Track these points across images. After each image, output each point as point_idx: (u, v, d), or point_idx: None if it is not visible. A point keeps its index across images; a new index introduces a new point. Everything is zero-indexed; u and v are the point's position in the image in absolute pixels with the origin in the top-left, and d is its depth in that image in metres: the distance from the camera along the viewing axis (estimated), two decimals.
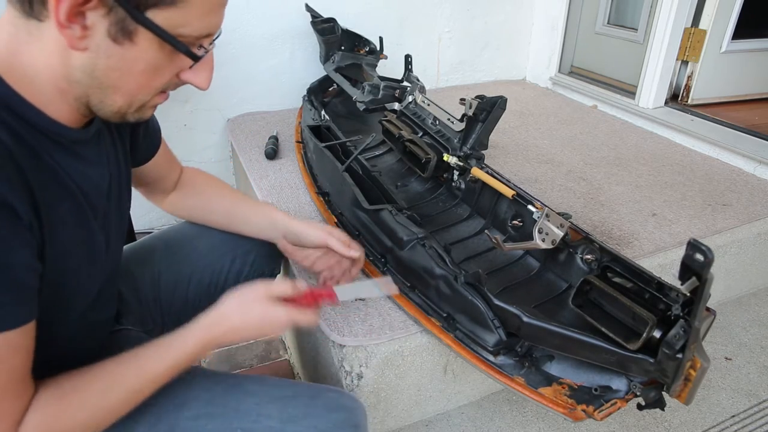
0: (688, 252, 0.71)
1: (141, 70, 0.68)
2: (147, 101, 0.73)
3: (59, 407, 0.70)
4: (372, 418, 1.17)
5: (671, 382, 0.80)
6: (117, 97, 0.69)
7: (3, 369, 0.63)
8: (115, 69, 0.66)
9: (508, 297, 1.02)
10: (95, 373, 0.75)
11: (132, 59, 0.66)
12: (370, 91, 1.70)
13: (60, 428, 0.70)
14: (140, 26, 0.63)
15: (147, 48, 0.66)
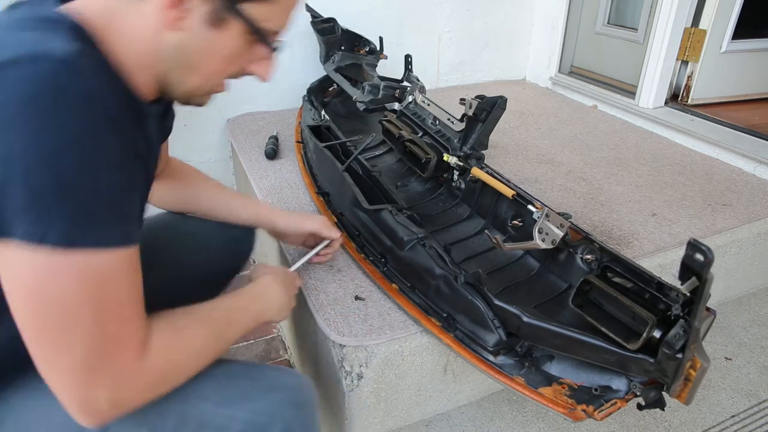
0: (688, 252, 0.71)
1: (224, 56, 0.74)
2: (213, 87, 0.79)
3: (174, 338, 0.72)
4: (372, 418, 1.17)
5: (671, 382, 0.80)
6: (195, 78, 0.75)
7: (133, 283, 0.65)
8: (202, 51, 0.72)
9: (508, 297, 1.02)
10: (198, 315, 0.79)
11: (219, 45, 0.72)
12: (370, 91, 1.70)
13: (175, 358, 0.72)
14: (233, 16, 0.70)
15: (234, 36, 0.72)
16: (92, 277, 0.60)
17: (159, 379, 0.69)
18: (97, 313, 0.61)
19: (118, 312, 0.63)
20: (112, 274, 0.62)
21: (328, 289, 1.24)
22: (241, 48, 0.75)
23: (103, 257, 0.60)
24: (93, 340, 0.61)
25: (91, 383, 0.61)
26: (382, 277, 1.23)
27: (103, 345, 0.62)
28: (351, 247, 1.34)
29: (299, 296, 1.31)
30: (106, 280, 0.61)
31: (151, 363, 0.67)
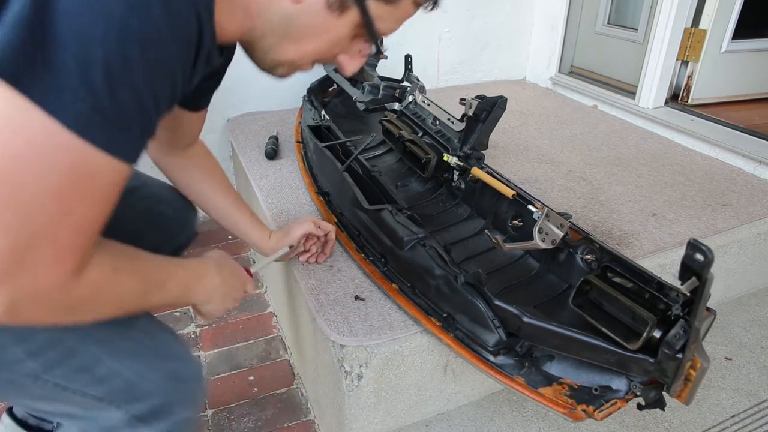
0: (688, 252, 0.72)
1: (328, 39, 0.75)
2: (302, 65, 0.79)
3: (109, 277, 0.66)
4: (372, 418, 1.17)
5: (671, 382, 0.80)
6: (291, 51, 0.75)
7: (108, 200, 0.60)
8: (311, 28, 0.72)
9: (508, 297, 1.02)
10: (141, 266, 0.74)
11: (329, 28, 0.73)
12: (370, 91, 1.70)
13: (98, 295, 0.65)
14: (356, 7, 0.72)
15: (346, 24, 0.73)
16: (80, 175, 0.54)
17: (71, 307, 0.62)
18: (61, 211, 0.54)
19: (79, 221, 0.57)
20: (99, 182, 0.57)
21: (328, 289, 1.24)
22: (347, 38, 0.76)
23: (102, 161, 0.55)
24: (35, 236, 0.53)
25: (2, 277, 0.53)
26: (382, 277, 1.23)
27: (39, 248, 0.54)
28: (351, 247, 1.34)
29: (299, 296, 1.31)
30: (91, 185, 0.56)
31: (74, 287, 0.60)
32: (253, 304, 1.84)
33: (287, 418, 1.41)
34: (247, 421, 1.40)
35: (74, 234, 0.57)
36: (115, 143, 0.56)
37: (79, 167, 0.54)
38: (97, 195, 0.57)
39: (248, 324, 1.75)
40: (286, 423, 1.40)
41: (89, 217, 0.58)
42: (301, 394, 1.48)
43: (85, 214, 0.57)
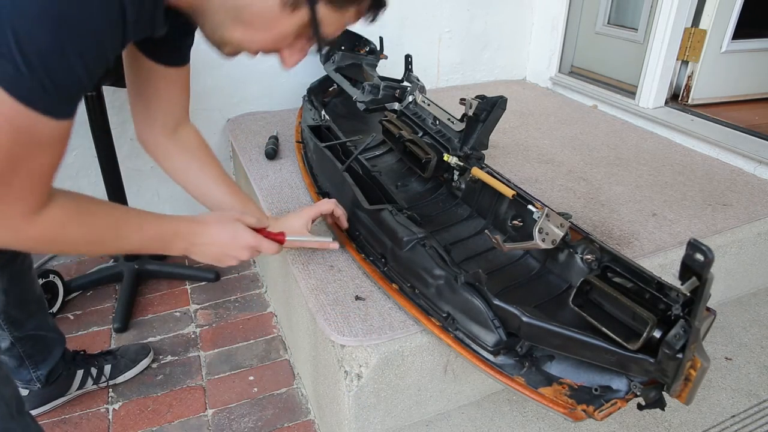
0: (689, 252, 0.72)
1: (276, 32, 0.80)
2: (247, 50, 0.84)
3: (75, 215, 0.80)
4: (372, 418, 1.17)
5: (671, 382, 0.80)
6: (239, 32, 0.80)
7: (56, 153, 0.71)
8: (262, 18, 0.78)
9: (508, 297, 1.02)
10: (108, 208, 0.90)
11: (279, 22, 0.79)
12: (370, 91, 1.70)
13: (67, 232, 0.79)
14: (307, 8, 0.78)
15: (295, 22, 0.79)
16: (26, 137, 0.65)
17: (36, 240, 0.76)
18: (12, 165, 0.66)
19: (30, 172, 0.69)
20: (44, 140, 0.67)
21: (328, 289, 1.24)
22: (292, 34, 0.82)
23: (45, 124, 0.66)
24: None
25: None
26: (382, 277, 1.23)
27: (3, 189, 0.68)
28: (351, 247, 1.34)
29: (299, 296, 1.31)
30: (38, 143, 0.67)
31: (35, 225, 0.73)
32: (253, 304, 1.84)
33: (287, 418, 1.41)
34: (247, 421, 1.40)
35: (26, 179, 0.69)
36: (51, 107, 0.65)
37: (20, 127, 0.64)
38: (39, 148, 0.68)
39: (248, 324, 1.75)
40: (286, 423, 1.40)
41: (38, 167, 0.70)
42: (301, 394, 1.48)
43: (32, 163, 0.68)
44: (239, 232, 1.05)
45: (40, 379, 1.36)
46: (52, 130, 0.67)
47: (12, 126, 0.63)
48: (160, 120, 1.11)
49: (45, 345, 1.35)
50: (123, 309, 1.75)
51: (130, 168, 2.08)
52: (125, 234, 0.90)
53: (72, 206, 0.80)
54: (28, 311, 1.29)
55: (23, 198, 0.70)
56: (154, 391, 1.50)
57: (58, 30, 0.60)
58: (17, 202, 0.70)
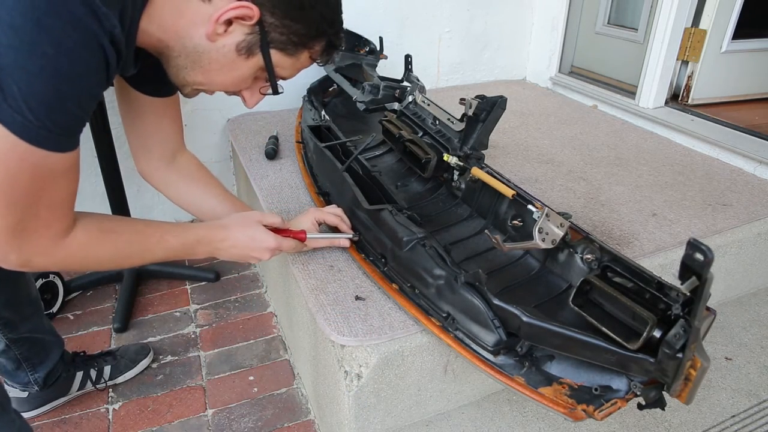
0: (688, 251, 0.71)
1: (233, 76, 0.89)
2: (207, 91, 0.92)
3: (99, 236, 0.89)
4: (372, 418, 1.17)
5: (671, 382, 0.80)
6: (199, 77, 0.88)
7: (71, 180, 0.80)
8: (220, 63, 0.86)
9: (508, 297, 1.02)
10: (129, 224, 0.99)
11: (236, 67, 0.87)
12: (370, 91, 1.70)
13: (94, 252, 0.89)
14: (260, 54, 0.86)
15: (251, 67, 0.88)
16: (42, 171, 0.74)
17: (64, 261, 0.86)
18: (35, 197, 0.76)
19: (52, 201, 0.78)
20: (57, 171, 0.76)
21: (328, 289, 1.24)
22: (249, 77, 0.90)
23: (55, 158, 0.74)
24: (24, 216, 0.76)
25: (9, 245, 0.77)
26: (382, 277, 1.23)
27: (30, 222, 0.77)
28: (351, 247, 1.34)
29: (299, 296, 1.31)
30: (52, 175, 0.76)
31: (63, 248, 0.83)
32: (253, 304, 1.84)
33: (287, 418, 1.41)
34: (247, 421, 1.40)
35: (50, 209, 0.79)
36: (58, 144, 0.74)
37: (38, 166, 0.73)
38: (55, 179, 0.77)
39: (248, 324, 1.75)
40: (286, 423, 1.40)
41: (57, 196, 0.79)
42: (301, 394, 1.48)
43: (52, 193, 0.78)
44: (259, 234, 1.11)
45: (38, 381, 1.36)
46: (63, 162, 0.76)
47: (29, 165, 0.72)
48: (156, 152, 1.16)
49: (42, 348, 1.35)
50: (123, 309, 1.75)
51: (130, 168, 2.08)
52: (149, 248, 0.98)
53: (94, 228, 0.88)
54: (22, 313, 1.28)
55: (50, 225, 0.80)
56: (154, 391, 1.50)
57: (56, 83, 0.69)
58: (46, 230, 0.80)
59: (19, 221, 0.76)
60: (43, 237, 0.80)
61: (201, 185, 1.23)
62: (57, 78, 0.69)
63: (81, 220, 0.87)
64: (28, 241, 0.79)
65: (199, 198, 1.23)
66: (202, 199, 1.23)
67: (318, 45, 0.92)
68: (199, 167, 1.25)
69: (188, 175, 1.22)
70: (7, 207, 0.74)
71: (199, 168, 1.25)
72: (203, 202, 1.23)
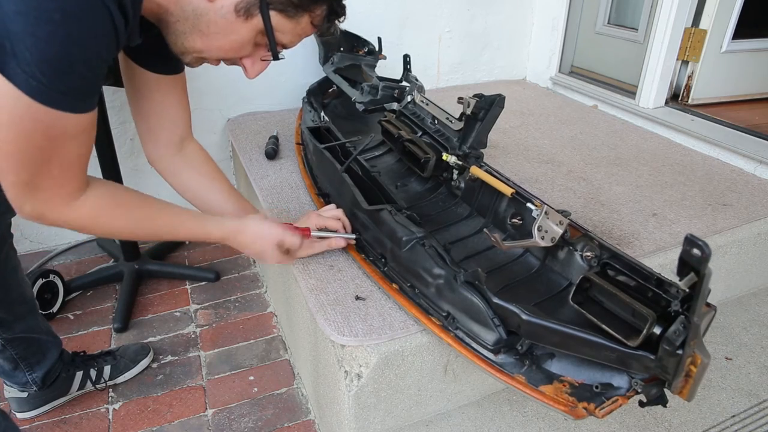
0: (686, 247, 0.71)
1: (233, 39, 0.87)
2: (208, 59, 0.92)
3: (111, 207, 0.93)
4: (372, 418, 1.17)
5: (672, 379, 0.80)
6: (198, 42, 0.87)
7: (83, 143, 0.83)
8: (218, 26, 0.85)
9: (508, 295, 1.01)
10: (146, 200, 1.01)
11: (234, 30, 0.86)
12: (368, 91, 1.70)
13: (104, 220, 0.93)
14: (260, 15, 0.85)
15: (250, 30, 0.86)
16: (55, 132, 0.77)
17: (74, 222, 0.89)
18: (48, 157, 0.79)
19: (64, 161, 0.82)
20: (70, 132, 0.79)
21: (328, 289, 1.24)
22: (249, 43, 0.88)
23: (68, 119, 0.77)
24: (37, 173, 0.80)
25: (23, 197, 0.82)
26: (382, 277, 1.23)
27: (43, 180, 0.81)
28: (351, 247, 1.34)
29: (299, 296, 1.31)
30: (65, 136, 0.79)
31: (74, 209, 0.87)
32: (253, 304, 1.84)
33: (287, 418, 1.41)
34: (247, 421, 1.40)
35: (62, 169, 0.82)
36: (71, 105, 0.77)
37: (51, 126, 0.76)
38: (68, 140, 0.80)
39: (248, 324, 1.75)
40: (286, 423, 1.39)
41: (69, 156, 0.82)
42: (301, 394, 1.48)
43: (64, 154, 0.81)
44: (265, 230, 1.14)
45: (36, 381, 1.36)
46: (75, 123, 0.79)
47: (42, 125, 0.75)
48: (164, 137, 1.15)
49: (38, 347, 1.34)
50: (123, 309, 1.75)
51: (130, 168, 2.08)
52: (158, 230, 1.01)
53: (107, 197, 0.92)
54: (15, 313, 1.28)
55: (62, 185, 0.84)
56: (154, 391, 1.50)
57: (65, 47, 0.71)
58: (58, 189, 0.84)
59: (33, 177, 0.80)
60: (55, 195, 0.84)
61: (208, 179, 1.22)
62: (66, 42, 0.71)
63: (96, 187, 0.90)
64: (41, 197, 0.83)
65: (204, 191, 1.22)
66: (208, 193, 1.22)
67: (319, 9, 0.90)
68: (206, 159, 1.24)
69: (195, 166, 1.21)
70: (21, 164, 0.78)
71: (207, 160, 1.24)
72: (208, 196, 1.22)
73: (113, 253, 2.02)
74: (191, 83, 1.41)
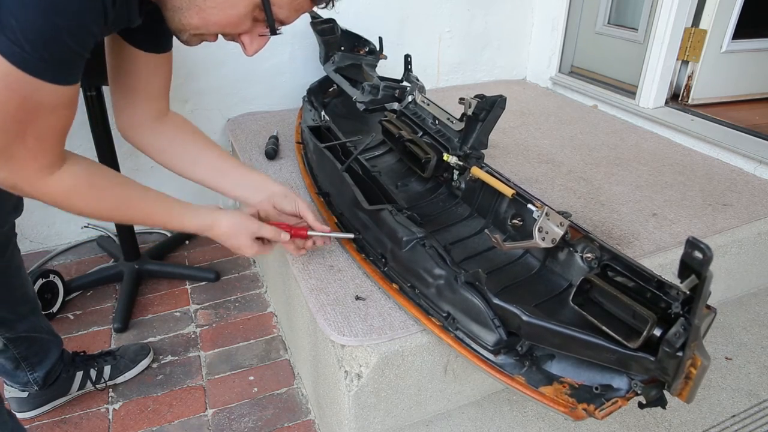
0: (687, 250, 0.71)
1: (230, 14, 0.86)
2: (206, 36, 0.91)
3: (86, 187, 0.92)
4: (372, 418, 1.17)
5: (672, 380, 0.80)
6: (195, 18, 0.86)
7: (62, 116, 0.82)
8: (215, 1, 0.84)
9: (508, 296, 1.01)
10: (124, 184, 1.00)
11: (232, 4, 0.85)
12: (369, 91, 1.69)
13: (77, 200, 0.91)
14: None
15: (247, 5, 0.85)
16: (33, 101, 0.77)
17: (46, 197, 0.88)
18: (24, 126, 0.79)
19: (40, 133, 0.81)
20: (49, 103, 0.79)
21: (329, 289, 1.24)
22: (246, 18, 0.88)
23: (48, 89, 0.77)
24: (12, 141, 0.79)
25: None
26: (382, 277, 1.23)
27: (18, 149, 0.81)
28: (351, 247, 1.34)
29: (299, 296, 1.31)
30: (43, 106, 0.78)
31: (47, 184, 0.86)
32: (253, 304, 1.84)
33: (287, 418, 1.41)
34: (247, 421, 1.40)
35: (38, 140, 0.82)
36: (53, 76, 0.76)
37: (30, 95, 0.76)
38: (46, 110, 0.79)
39: (248, 324, 1.75)
40: (286, 423, 1.39)
41: (46, 128, 0.82)
42: (301, 394, 1.48)
43: (41, 124, 0.80)
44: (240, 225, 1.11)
45: (37, 381, 1.36)
46: (55, 94, 0.78)
47: (22, 93, 0.75)
48: (140, 109, 1.13)
49: (40, 347, 1.34)
50: (123, 309, 1.75)
51: (130, 168, 2.08)
52: (132, 216, 1.02)
53: (83, 176, 0.91)
54: (18, 312, 1.28)
55: (36, 157, 0.83)
56: (154, 391, 1.50)
57: (52, 17, 0.71)
58: (32, 161, 0.83)
59: (8, 146, 0.80)
60: (29, 167, 0.83)
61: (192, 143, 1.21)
62: (52, 11, 0.71)
63: (72, 164, 0.89)
64: (15, 167, 0.82)
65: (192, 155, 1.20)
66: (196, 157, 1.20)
67: None
68: (184, 123, 1.22)
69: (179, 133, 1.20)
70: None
71: (188, 125, 1.23)
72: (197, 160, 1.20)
73: (113, 253, 2.02)
74: (191, 83, 1.41)
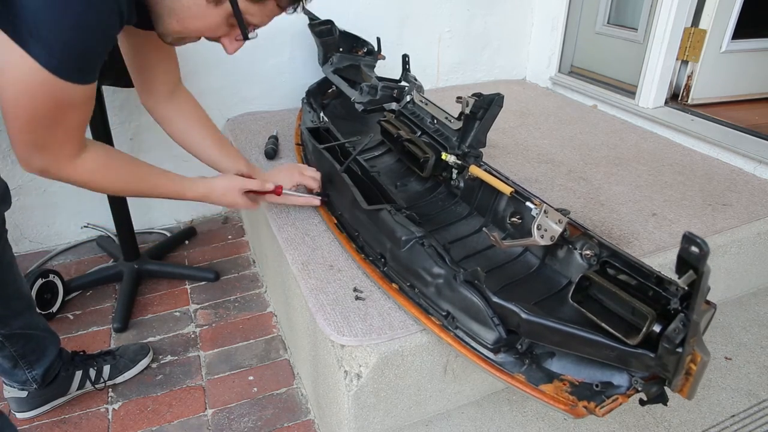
0: (684, 245, 0.71)
1: (206, 23, 0.99)
2: (187, 39, 1.05)
3: (105, 167, 1.08)
4: (372, 418, 1.17)
5: (672, 377, 0.80)
6: (175, 24, 0.99)
7: (84, 111, 0.97)
8: (191, 11, 0.97)
9: (508, 294, 1.01)
10: (134, 162, 1.17)
11: (207, 14, 0.98)
12: (368, 92, 1.69)
13: (98, 177, 1.07)
14: (229, 1, 0.97)
15: (221, 14, 0.98)
16: (63, 100, 0.91)
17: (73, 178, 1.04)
18: (55, 121, 0.93)
19: (67, 126, 0.96)
20: (76, 101, 0.93)
21: (328, 289, 1.24)
22: (222, 25, 1.01)
23: (76, 90, 0.90)
24: (44, 135, 0.94)
25: (32, 154, 0.97)
26: (381, 276, 1.23)
27: (49, 140, 0.96)
28: (351, 247, 1.34)
29: (299, 296, 1.31)
30: (71, 104, 0.92)
31: (76, 167, 1.02)
32: (253, 304, 1.84)
33: (287, 418, 1.41)
34: (247, 421, 1.40)
35: (66, 132, 0.97)
36: (80, 78, 0.90)
37: (59, 94, 0.89)
38: (73, 108, 0.94)
39: (248, 324, 1.75)
40: (286, 423, 1.39)
41: (73, 122, 0.97)
42: (301, 394, 1.48)
43: (68, 119, 0.95)
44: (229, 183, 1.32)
45: (36, 379, 1.36)
46: (81, 93, 0.92)
47: (55, 95, 0.89)
48: (157, 87, 1.30)
49: (37, 344, 1.34)
50: (123, 309, 1.75)
51: None
52: (143, 189, 1.18)
53: (102, 157, 1.07)
54: (12, 308, 1.28)
55: (63, 146, 0.98)
56: (154, 391, 1.50)
57: (85, 34, 0.85)
58: (60, 149, 0.98)
59: (41, 138, 0.94)
60: (57, 154, 0.98)
61: (197, 126, 1.38)
62: (86, 30, 0.85)
63: (92, 149, 1.05)
64: (46, 155, 0.97)
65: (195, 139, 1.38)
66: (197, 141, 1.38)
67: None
68: (195, 106, 1.38)
69: (185, 112, 1.36)
70: (33, 127, 0.92)
71: (195, 107, 1.38)
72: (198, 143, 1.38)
73: (113, 253, 2.02)
74: (191, 84, 1.41)
